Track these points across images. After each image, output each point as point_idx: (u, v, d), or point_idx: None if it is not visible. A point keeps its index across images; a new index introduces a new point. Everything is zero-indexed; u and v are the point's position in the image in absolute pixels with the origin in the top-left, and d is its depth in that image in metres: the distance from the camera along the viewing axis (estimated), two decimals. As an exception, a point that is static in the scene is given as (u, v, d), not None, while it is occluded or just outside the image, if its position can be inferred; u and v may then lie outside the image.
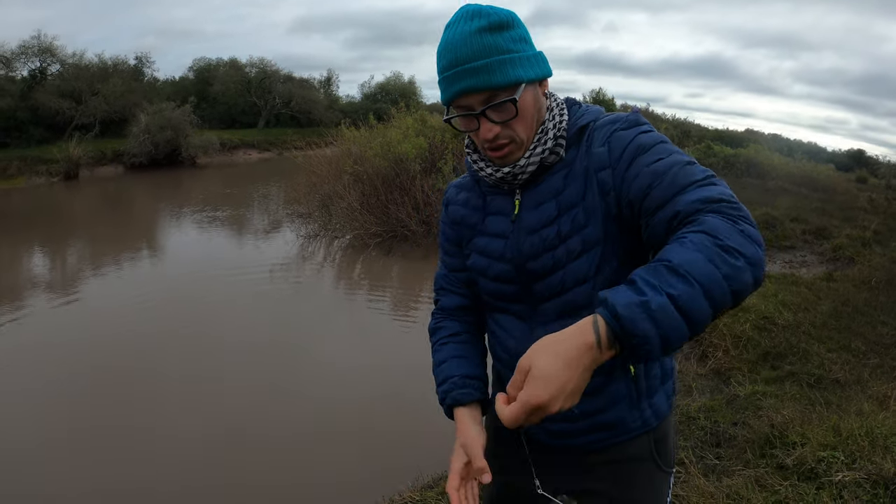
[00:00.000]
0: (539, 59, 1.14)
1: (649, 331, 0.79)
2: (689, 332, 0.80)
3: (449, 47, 1.09)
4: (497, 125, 1.10)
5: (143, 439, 3.99)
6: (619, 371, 1.18)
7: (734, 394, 3.77)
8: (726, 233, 0.85)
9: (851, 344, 4.87)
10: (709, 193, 0.92)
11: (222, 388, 4.76)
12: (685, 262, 0.82)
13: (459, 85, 1.08)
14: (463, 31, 1.08)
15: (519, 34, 1.11)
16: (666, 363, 1.27)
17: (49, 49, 23.87)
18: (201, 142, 23.67)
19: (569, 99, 1.24)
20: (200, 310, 6.76)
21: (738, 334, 4.73)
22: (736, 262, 0.83)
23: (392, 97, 31.72)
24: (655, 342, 0.79)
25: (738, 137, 33.41)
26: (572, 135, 1.17)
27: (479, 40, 1.07)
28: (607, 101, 17.77)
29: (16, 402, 4.54)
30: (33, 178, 19.06)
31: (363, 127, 11.27)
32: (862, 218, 12.21)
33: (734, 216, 0.88)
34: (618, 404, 1.20)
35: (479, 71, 1.06)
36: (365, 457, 3.75)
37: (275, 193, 16.22)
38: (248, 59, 33.01)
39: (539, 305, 1.20)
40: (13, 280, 8.45)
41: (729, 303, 0.83)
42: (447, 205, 1.40)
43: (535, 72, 1.11)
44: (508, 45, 1.08)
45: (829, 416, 3.05)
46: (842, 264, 8.63)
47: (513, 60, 1.08)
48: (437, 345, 1.36)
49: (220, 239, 10.99)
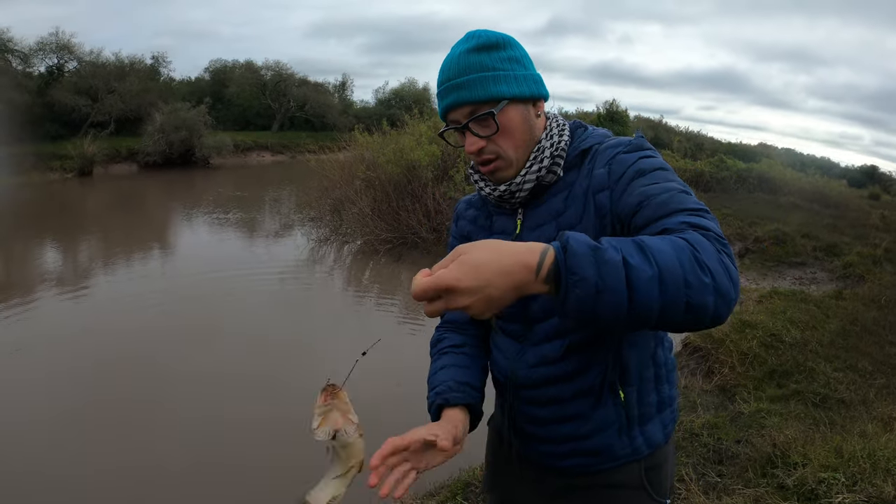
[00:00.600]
0: (530, 79, 1.18)
1: (590, 276, 0.77)
2: (626, 305, 0.78)
3: (443, 66, 1.18)
4: (481, 139, 1.15)
5: (145, 428, 4.08)
6: (608, 395, 1.17)
7: (738, 411, 3.79)
8: (707, 252, 0.84)
9: (858, 363, 4.86)
10: (698, 222, 0.91)
11: (227, 382, 4.83)
12: (655, 247, 0.81)
13: (446, 100, 1.16)
14: (455, 52, 1.17)
15: (509, 55, 1.17)
16: (664, 391, 1.25)
17: (67, 46, 24.10)
18: (215, 143, 23.82)
19: (576, 122, 1.28)
20: (209, 308, 6.84)
21: (744, 351, 4.74)
22: (704, 277, 0.81)
23: (406, 103, 31.76)
24: (590, 290, 0.77)
25: (751, 151, 33.33)
26: (574, 157, 1.20)
27: (465, 59, 1.14)
28: (621, 112, 17.72)
29: (23, 392, 4.63)
30: (48, 173, 19.24)
31: (376, 133, 11.33)
32: (873, 235, 12.12)
33: (719, 248, 0.86)
34: (605, 431, 1.19)
35: (462, 87, 1.13)
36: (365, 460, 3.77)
37: (286, 197, 16.31)
38: (264, 62, 33.20)
39: (534, 326, 1.22)
40: (25, 273, 8.61)
41: (679, 312, 0.80)
42: (457, 219, 1.45)
43: (521, 90, 1.15)
44: (493, 64, 1.14)
45: (833, 436, 3.06)
46: (852, 282, 8.60)
47: (496, 77, 1.13)
48: (437, 354, 1.36)
49: (232, 240, 11.08)
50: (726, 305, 0.83)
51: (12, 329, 6.02)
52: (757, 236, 10.80)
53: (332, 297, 7.64)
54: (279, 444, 3.89)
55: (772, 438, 3.01)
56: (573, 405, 1.19)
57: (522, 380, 1.24)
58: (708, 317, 0.82)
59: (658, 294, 0.78)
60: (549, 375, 1.19)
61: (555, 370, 1.18)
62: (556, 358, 1.18)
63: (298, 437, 3.88)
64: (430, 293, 0.82)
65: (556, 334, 1.18)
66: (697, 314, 0.81)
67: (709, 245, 0.85)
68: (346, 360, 1.30)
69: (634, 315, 0.79)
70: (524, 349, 1.24)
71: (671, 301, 0.79)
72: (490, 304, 0.81)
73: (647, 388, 1.21)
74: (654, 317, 0.80)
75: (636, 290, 0.78)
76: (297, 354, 5.55)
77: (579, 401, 1.18)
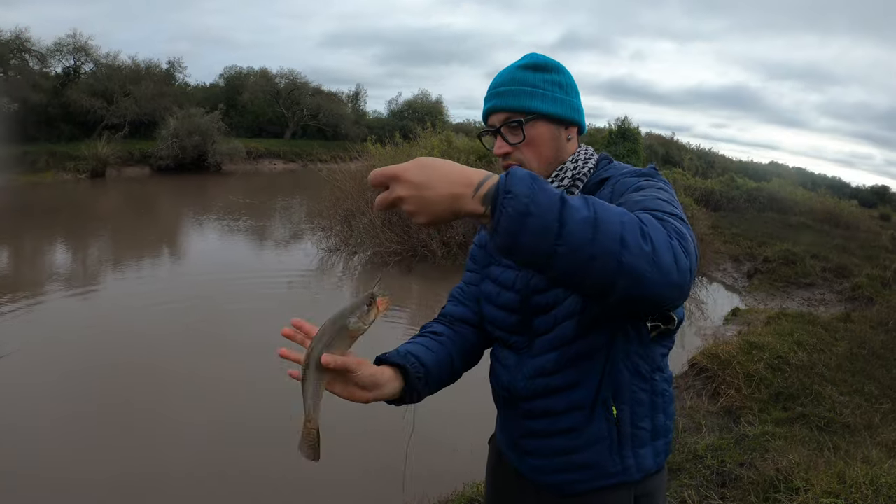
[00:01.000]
0: (567, 104, 1.29)
1: (522, 194, 0.80)
2: (553, 237, 0.80)
3: (496, 76, 1.32)
4: (508, 145, 1.26)
5: (147, 429, 4.12)
6: (601, 410, 1.21)
7: (743, 434, 3.80)
8: (656, 229, 0.86)
9: (865, 387, 4.88)
10: (662, 216, 0.93)
11: (230, 385, 4.87)
12: (600, 202, 0.85)
13: (488, 104, 1.30)
14: (510, 66, 1.31)
15: (553, 79, 1.28)
16: (659, 420, 1.27)
17: (84, 48, 24.41)
18: (228, 149, 24.06)
19: (604, 154, 1.37)
20: (216, 312, 6.92)
21: (751, 373, 4.75)
22: (644, 244, 0.82)
23: (419, 115, 31.96)
24: (520, 208, 0.80)
25: (763, 170, 33.38)
26: (594, 183, 1.27)
27: (514, 73, 1.28)
28: (632, 129, 17.73)
29: (28, 389, 4.69)
30: (61, 173, 19.49)
31: (389, 144, 11.42)
32: (883, 257, 12.11)
33: (672, 235, 0.87)
34: (595, 445, 1.22)
35: (503, 95, 1.27)
36: (367, 472, 3.81)
37: (297, 205, 16.42)
38: (279, 70, 33.50)
39: (535, 339, 1.26)
40: (34, 271, 8.74)
41: (612, 269, 0.81)
42: (482, 227, 1.51)
43: (554, 110, 1.26)
44: (535, 82, 1.26)
45: (836, 461, 3.08)
46: (860, 304, 8.59)
47: (533, 94, 1.25)
48: (412, 337, 1.38)
49: (241, 246, 11.18)
50: (667, 284, 0.84)
51: (19, 326, 6.10)
52: (766, 256, 10.80)
53: (340, 307, 7.67)
54: (280, 449, 3.93)
55: (775, 463, 3.04)
56: (566, 418, 1.23)
57: (521, 391, 1.28)
58: (646, 289, 0.83)
59: (590, 237, 0.80)
60: (545, 387, 1.24)
61: (550, 382, 1.23)
62: (552, 370, 1.23)
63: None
64: (380, 179, 0.89)
65: (553, 346, 1.22)
66: (633, 280, 0.82)
67: (660, 226, 0.87)
68: None
69: (563, 253, 0.81)
70: (523, 360, 1.28)
71: (603, 252, 0.80)
72: (424, 204, 0.87)
73: (642, 412, 1.24)
74: (583, 263, 0.81)
75: (565, 225, 0.80)
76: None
77: (572, 414, 1.23)
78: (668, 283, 0.83)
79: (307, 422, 1.10)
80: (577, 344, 1.19)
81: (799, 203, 18.53)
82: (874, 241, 15.17)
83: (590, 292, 0.87)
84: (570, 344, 1.20)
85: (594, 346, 1.19)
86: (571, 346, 1.20)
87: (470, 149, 10.12)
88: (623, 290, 0.83)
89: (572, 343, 1.20)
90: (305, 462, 1.15)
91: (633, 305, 0.87)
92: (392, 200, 0.89)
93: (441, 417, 4.09)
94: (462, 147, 10.45)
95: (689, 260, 0.87)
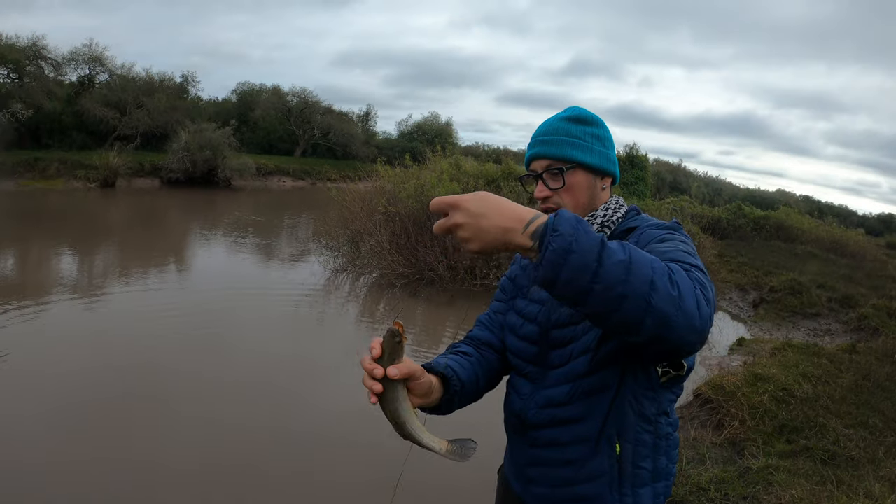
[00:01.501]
0: (604, 156, 1.41)
1: (567, 233, 0.90)
2: (590, 275, 0.88)
3: (540, 126, 1.45)
4: (549, 190, 1.38)
5: (147, 443, 4.10)
6: (605, 446, 1.27)
7: (747, 466, 3.81)
8: (682, 278, 0.94)
9: (869, 420, 4.86)
10: (686, 267, 1.01)
11: (235, 403, 4.86)
12: (634, 248, 0.94)
13: (532, 151, 1.42)
14: (554, 117, 1.44)
15: (594, 132, 1.41)
16: (660, 462, 1.32)
17: (99, 58, 24.87)
18: (238, 164, 24.23)
19: (634, 206, 1.47)
20: (221, 326, 6.92)
21: (755, 405, 4.76)
22: (671, 289, 0.91)
23: (428, 137, 32.20)
24: (564, 245, 0.89)
25: (770, 198, 33.41)
26: (621, 231, 1.38)
27: (557, 124, 1.41)
28: (640, 157, 17.82)
29: (28, 399, 4.65)
30: (71, 181, 19.76)
31: (398, 166, 11.49)
32: (889, 287, 12.09)
33: (696, 285, 0.96)
34: (597, 480, 1.28)
35: (547, 143, 1.39)
36: (369, 494, 3.80)
37: (305, 223, 16.50)
38: (291, 88, 33.88)
39: (549, 371, 1.34)
40: (40, 277, 8.79)
41: (641, 309, 0.89)
42: (513, 262, 1.63)
43: (592, 160, 1.38)
44: (577, 134, 1.39)
45: (839, 496, 3.09)
46: (866, 334, 8.56)
47: (574, 144, 1.38)
48: (443, 354, 1.47)
49: (248, 262, 11.20)
50: (690, 328, 0.92)
51: (22, 330, 6.15)
52: (772, 286, 10.79)
53: (345, 326, 7.70)
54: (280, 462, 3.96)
55: (778, 498, 3.05)
56: (571, 450, 1.30)
57: (531, 419, 1.35)
58: (671, 331, 0.91)
59: (623, 277, 0.89)
60: (553, 417, 1.31)
61: (559, 413, 1.31)
62: (562, 401, 1.30)
63: (301, 460, 3.94)
64: (441, 206, 1.01)
65: (566, 379, 1.29)
66: (660, 321, 0.90)
67: (685, 275, 0.95)
68: (355, 387, 1.41)
69: (598, 291, 0.89)
70: (537, 390, 1.35)
71: (634, 292, 0.89)
72: (478, 232, 0.98)
73: (644, 452, 1.30)
74: (615, 301, 0.89)
75: (602, 265, 0.89)
76: (305, 378, 5.63)
77: (577, 446, 1.29)
78: (691, 328, 0.92)
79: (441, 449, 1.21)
80: (590, 379, 1.27)
81: (805, 232, 18.52)
82: (881, 271, 15.14)
83: (618, 329, 0.94)
84: (582, 378, 1.27)
85: (604, 384, 1.26)
86: (583, 380, 1.27)
87: (479, 173, 10.20)
88: (649, 329, 0.91)
89: (584, 378, 1.27)
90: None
91: (656, 345, 0.95)
92: (449, 226, 1.00)
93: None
94: (471, 171, 10.51)
95: (710, 308, 0.95)
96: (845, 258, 16.55)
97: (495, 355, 1.49)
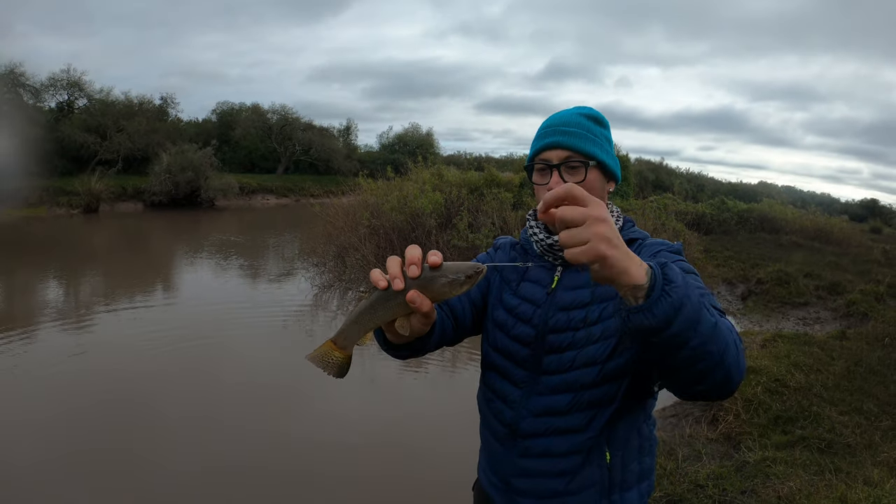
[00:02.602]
0: (615, 161, 1.38)
1: (680, 285, 0.86)
2: (693, 331, 0.88)
3: (553, 117, 1.38)
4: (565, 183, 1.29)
5: (139, 474, 4.04)
6: (596, 455, 1.26)
7: (744, 460, 3.78)
8: (736, 335, 0.98)
9: (864, 406, 4.86)
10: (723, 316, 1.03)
11: (225, 427, 4.80)
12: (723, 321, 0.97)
13: (549, 139, 1.32)
14: (568, 112, 1.38)
15: (608, 136, 1.38)
16: (645, 463, 1.33)
17: (77, 83, 24.73)
18: (221, 184, 24.13)
19: (627, 217, 1.44)
20: (210, 351, 6.82)
21: (749, 397, 4.73)
22: (738, 349, 0.96)
23: (410, 148, 32.21)
24: (679, 296, 0.85)
25: (752, 190, 33.65)
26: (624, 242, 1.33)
27: (577, 118, 1.35)
28: (622, 157, 17.93)
29: (18, 426, 4.62)
30: (54, 208, 19.58)
31: (380, 178, 11.46)
32: (876, 271, 12.15)
33: (739, 339, 1.00)
34: (587, 490, 1.27)
35: (569, 134, 1.31)
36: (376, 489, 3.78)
37: (290, 241, 16.41)
38: (270, 106, 33.87)
39: (542, 377, 1.29)
40: (26, 306, 8.70)
41: (714, 364, 0.92)
42: (497, 248, 1.54)
43: (609, 162, 1.34)
44: (597, 132, 1.34)
45: (837, 484, 3.07)
46: (856, 320, 8.60)
47: (595, 142, 1.32)
48: None
49: (234, 283, 11.09)
50: (739, 381, 0.98)
51: (9, 362, 6.06)
52: (759, 278, 10.82)
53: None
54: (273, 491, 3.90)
55: (776, 490, 3.02)
56: (565, 461, 1.27)
57: (525, 428, 1.30)
58: (728, 386, 0.96)
59: (710, 334, 0.90)
60: (550, 427, 1.28)
61: (558, 422, 1.27)
62: (562, 410, 1.26)
63: (294, 484, 3.89)
64: (578, 195, 0.88)
65: (567, 388, 1.26)
66: (725, 377, 0.94)
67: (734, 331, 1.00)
68: (351, 407, 1.35)
69: (693, 346, 0.89)
70: (529, 397, 1.30)
71: (717, 351, 0.91)
72: (618, 240, 0.86)
73: (631, 457, 1.30)
74: (702, 356, 0.90)
75: (701, 322, 0.89)
76: (296, 400, 5.55)
77: (571, 457, 1.27)
78: (740, 381, 0.98)
79: (341, 348, 1.12)
80: (594, 391, 1.24)
81: (790, 222, 18.65)
82: (866, 256, 15.26)
83: (684, 377, 0.95)
84: (588, 389, 1.24)
85: (607, 395, 1.24)
86: (588, 391, 1.25)
87: (462, 181, 10.18)
88: (713, 381, 0.95)
89: (589, 389, 1.24)
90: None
91: (705, 388, 0.97)
92: (590, 215, 0.85)
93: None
94: (453, 180, 10.49)
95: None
96: (830, 246, 16.68)
97: (451, 324, 1.37)
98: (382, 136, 39.81)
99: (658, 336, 0.88)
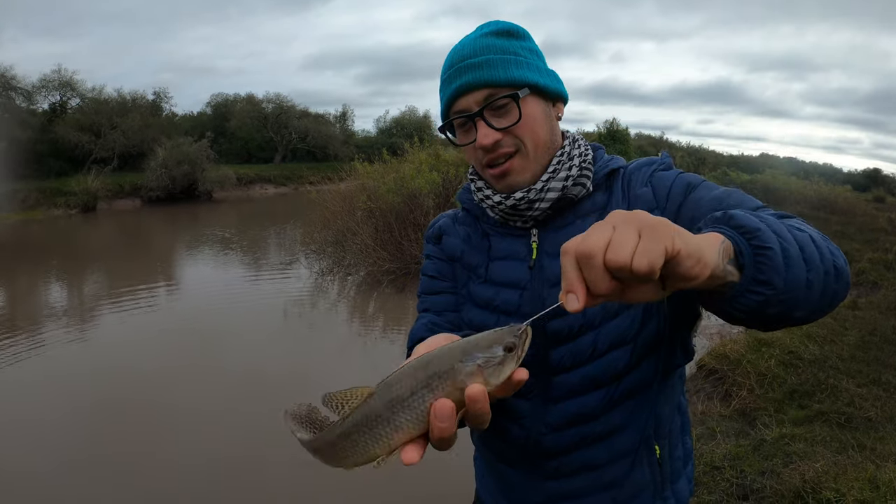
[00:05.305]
0: (552, 75, 1.05)
1: (755, 226, 0.70)
2: (803, 261, 0.71)
3: (454, 49, 1.02)
4: (496, 131, 0.97)
5: (148, 465, 4.05)
6: (644, 453, 1.00)
7: (761, 438, 3.60)
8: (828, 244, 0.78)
9: (882, 377, 4.68)
10: (783, 214, 0.83)
11: (232, 419, 4.75)
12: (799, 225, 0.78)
13: (458, 81, 0.98)
14: (470, 37, 1.02)
15: (530, 46, 1.03)
16: (688, 444, 1.10)
17: (69, 83, 24.72)
18: (218, 176, 24.05)
19: (594, 144, 1.12)
20: (214, 343, 6.79)
21: (762, 371, 4.56)
22: (833, 248, 0.77)
23: (407, 131, 31.98)
24: (769, 239, 0.69)
25: (754, 162, 33.42)
26: (601, 177, 1.05)
27: (482, 41, 0.99)
28: (621, 130, 17.72)
29: (26, 428, 4.61)
30: (51, 209, 19.50)
31: (377, 162, 11.29)
32: (883, 240, 12.06)
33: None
34: (639, 497, 1.02)
35: (479, 66, 0.96)
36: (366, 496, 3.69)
37: (289, 229, 16.30)
38: (265, 95, 33.71)
39: (556, 377, 1.00)
40: (30, 309, 8.65)
41: (831, 274, 0.74)
42: (439, 237, 1.19)
43: (545, 81, 1.00)
44: (515, 49, 0.99)
45: (865, 464, 2.89)
46: (866, 290, 8.43)
47: (518, 62, 0.98)
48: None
49: (235, 274, 11.00)
50: (843, 259, 0.78)
51: (14, 366, 6.01)
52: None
53: (336, 329, 7.52)
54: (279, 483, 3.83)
55: (801, 473, 2.84)
56: (611, 470, 1.01)
57: (548, 445, 1.02)
58: (842, 286, 0.76)
59: (816, 254, 0.73)
60: (581, 436, 1.00)
61: (588, 430, 1.00)
62: (595, 413, 0.99)
63: (298, 477, 3.79)
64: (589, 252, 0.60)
65: (595, 384, 0.98)
66: (839, 279, 0.75)
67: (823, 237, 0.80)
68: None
69: (813, 278, 0.72)
70: (544, 407, 1.01)
71: (825, 270, 0.73)
72: (667, 246, 0.59)
73: (676, 441, 1.06)
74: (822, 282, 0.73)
75: (804, 248, 0.72)
76: (301, 389, 5.42)
77: (617, 464, 1.01)
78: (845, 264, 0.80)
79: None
80: (629, 378, 0.97)
81: (793, 193, 18.51)
82: (872, 225, 15.11)
83: (802, 313, 0.74)
84: (621, 379, 0.97)
85: (645, 379, 0.98)
86: (621, 381, 0.97)
87: (459, 161, 9.96)
88: (831, 293, 0.75)
89: (622, 378, 0.97)
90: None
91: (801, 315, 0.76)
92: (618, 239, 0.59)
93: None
94: (451, 160, 10.30)
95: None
96: (835, 215, 16.51)
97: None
98: (379, 120, 39.75)
99: (780, 294, 0.69)
